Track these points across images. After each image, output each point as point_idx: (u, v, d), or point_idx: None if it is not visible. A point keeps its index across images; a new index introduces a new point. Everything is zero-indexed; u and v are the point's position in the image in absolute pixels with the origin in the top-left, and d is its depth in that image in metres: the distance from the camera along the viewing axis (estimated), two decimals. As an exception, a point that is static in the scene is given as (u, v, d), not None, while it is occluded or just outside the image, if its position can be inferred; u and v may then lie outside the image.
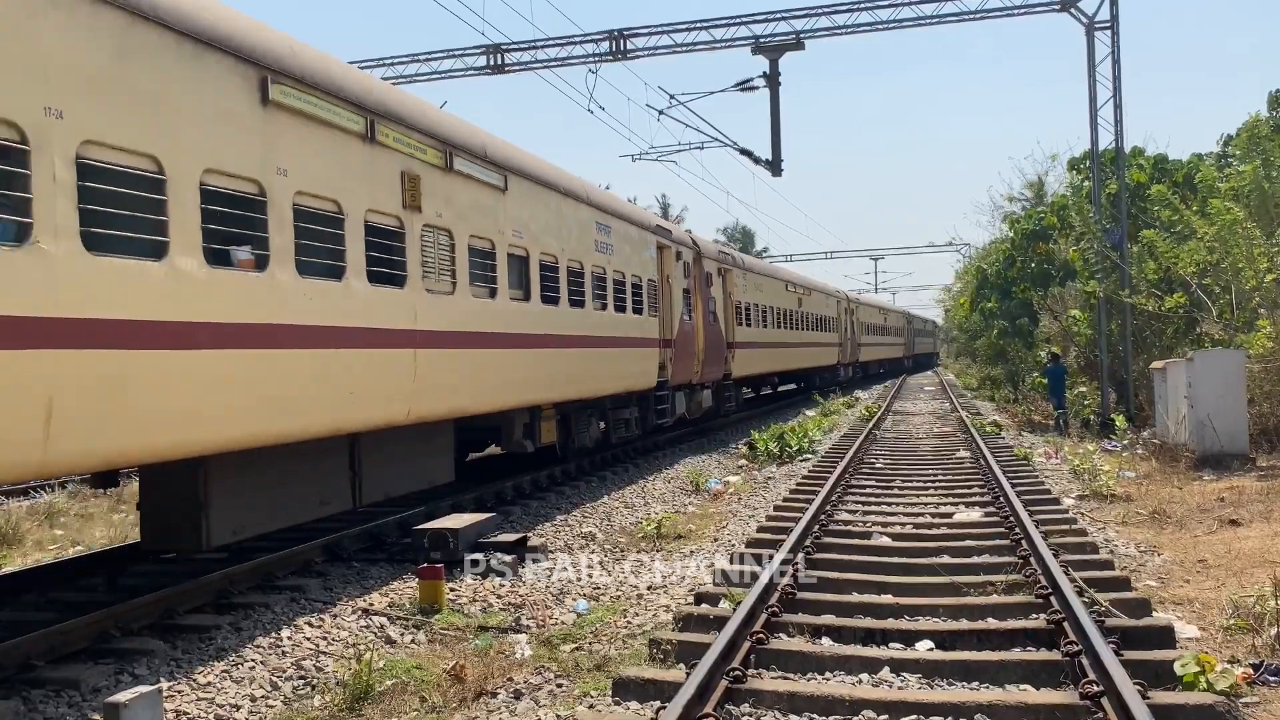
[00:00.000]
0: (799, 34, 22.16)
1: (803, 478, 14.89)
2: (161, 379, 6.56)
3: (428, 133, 10.01)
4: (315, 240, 8.21)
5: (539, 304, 12.72)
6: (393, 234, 9.37)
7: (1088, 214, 22.42)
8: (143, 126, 6.47)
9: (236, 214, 7.38)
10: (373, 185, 9.01)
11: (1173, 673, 5.65)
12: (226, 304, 7.16)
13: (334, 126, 8.47)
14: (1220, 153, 24.39)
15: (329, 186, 8.38)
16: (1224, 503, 11.76)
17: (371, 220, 8.97)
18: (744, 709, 5.60)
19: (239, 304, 7.29)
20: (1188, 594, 8.00)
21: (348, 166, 8.69)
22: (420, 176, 9.76)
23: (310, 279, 8.07)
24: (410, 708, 5.88)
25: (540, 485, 14.50)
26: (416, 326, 9.61)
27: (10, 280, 5.54)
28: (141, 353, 6.40)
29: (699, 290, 20.70)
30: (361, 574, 9.32)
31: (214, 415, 7.04)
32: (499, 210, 11.72)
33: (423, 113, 10.25)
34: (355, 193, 8.70)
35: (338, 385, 8.41)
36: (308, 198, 8.10)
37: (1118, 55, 21.07)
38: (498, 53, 23.69)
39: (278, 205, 7.70)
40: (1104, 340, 22.15)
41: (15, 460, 5.66)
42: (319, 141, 8.31)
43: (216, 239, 7.14)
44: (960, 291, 54.19)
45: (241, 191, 7.41)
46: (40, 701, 5.97)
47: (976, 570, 8.47)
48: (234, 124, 7.32)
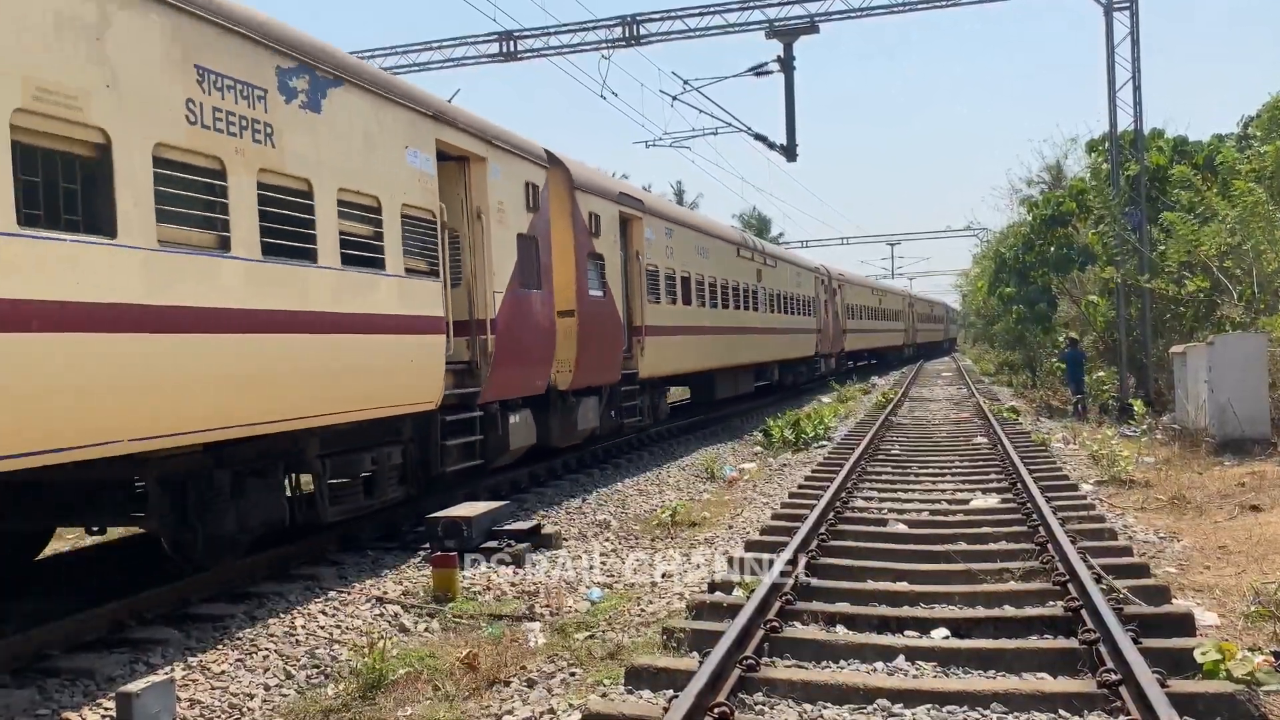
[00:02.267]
0: (813, 17, 21.96)
1: (818, 464, 14.82)
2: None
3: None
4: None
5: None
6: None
7: (1108, 196, 22.19)
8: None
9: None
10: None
11: (1192, 661, 5.57)
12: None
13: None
14: (1241, 134, 24.09)
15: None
16: (1245, 488, 11.63)
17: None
18: (757, 698, 5.56)
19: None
20: (1208, 581, 7.91)
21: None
22: None
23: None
24: (423, 696, 5.87)
25: (555, 472, 14.47)
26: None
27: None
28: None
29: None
30: (376, 563, 9.34)
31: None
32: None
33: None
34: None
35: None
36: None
37: (1137, 36, 20.80)
38: (510, 39, 23.60)
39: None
40: (1123, 324, 21.96)
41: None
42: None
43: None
44: (978, 276, 53.78)
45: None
46: (55, 691, 6.00)
47: (993, 557, 8.41)
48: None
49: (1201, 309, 19.99)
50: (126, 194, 6.38)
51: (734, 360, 23.28)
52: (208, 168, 7.15)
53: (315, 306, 8.19)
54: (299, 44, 8.17)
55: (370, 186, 9.03)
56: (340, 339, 8.53)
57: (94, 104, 6.18)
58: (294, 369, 7.99)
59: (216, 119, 7.14)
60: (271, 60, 7.79)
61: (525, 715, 5.50)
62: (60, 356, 5.93)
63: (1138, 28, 20.77)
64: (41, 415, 5.86)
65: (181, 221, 6.89)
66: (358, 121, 8.89)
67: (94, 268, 6.16)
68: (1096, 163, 25.90)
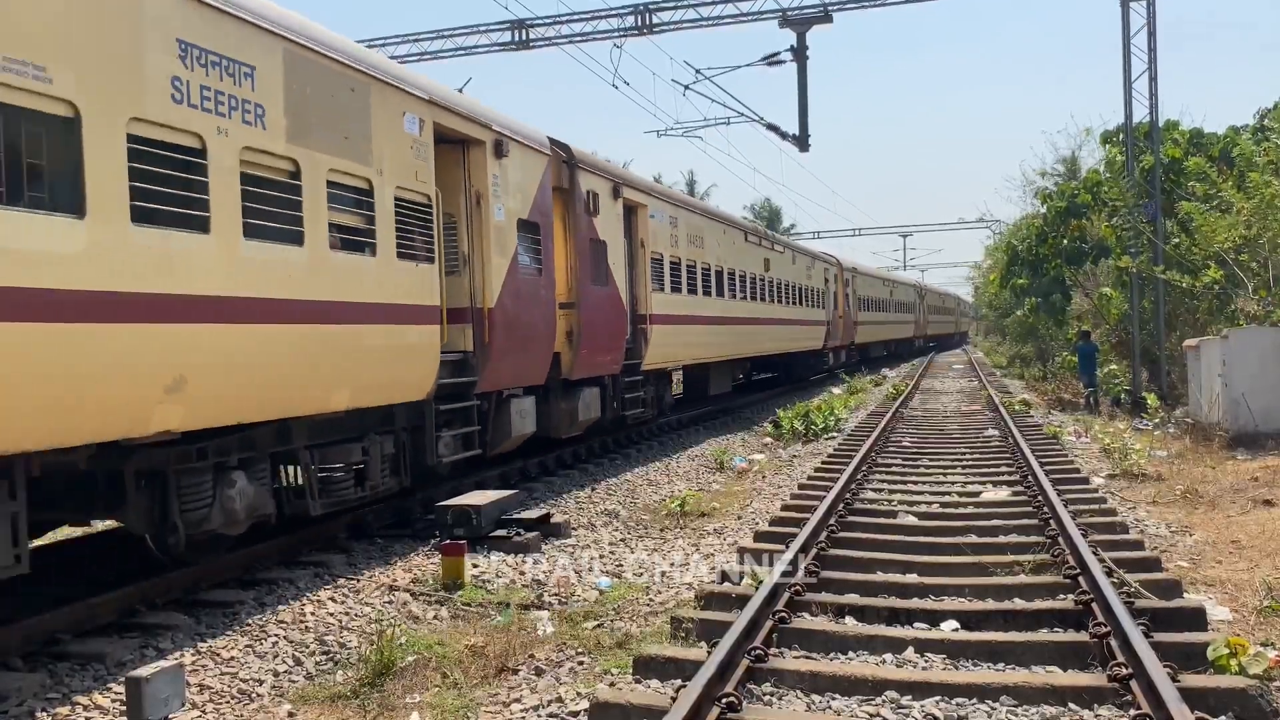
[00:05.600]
0: (827, 6, 21.85)
1: (828, 455, 14.79)
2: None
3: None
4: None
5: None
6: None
7: (1124, 187, 22.03)
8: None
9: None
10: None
11: (1204, 655, 5.54)
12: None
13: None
14: (1257, 126, 23.88)
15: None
16: (1258, 483, 11.55)
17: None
18: (765, 688, 5.55)
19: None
20: (1220, 575, 7.86)
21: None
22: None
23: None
24: (432, 683, 5.88)
25: (564, 462, 14.48)
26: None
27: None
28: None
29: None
30: (386, 550, 9.36)
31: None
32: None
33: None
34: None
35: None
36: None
37: (1153, 27, 20.64)
38: (522, 28, 23.57)
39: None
40: (1136, 317, 21.83)
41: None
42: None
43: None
44: (990, 268, 53.51)
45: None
46: (66, 675, 6.03)
47: (1003, 550, 8.36)
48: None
49: (1216, 302, 19.86)
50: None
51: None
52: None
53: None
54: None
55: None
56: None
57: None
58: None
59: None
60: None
61: (533, 703, 5.50)
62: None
63: (1154, 18, 20.61)
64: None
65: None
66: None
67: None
68: (1112, 154, 25.72)
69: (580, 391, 13.86)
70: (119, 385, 6.37)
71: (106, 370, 6.26)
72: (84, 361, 6.09)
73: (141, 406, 6.54)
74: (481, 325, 10.83)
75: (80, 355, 6.06)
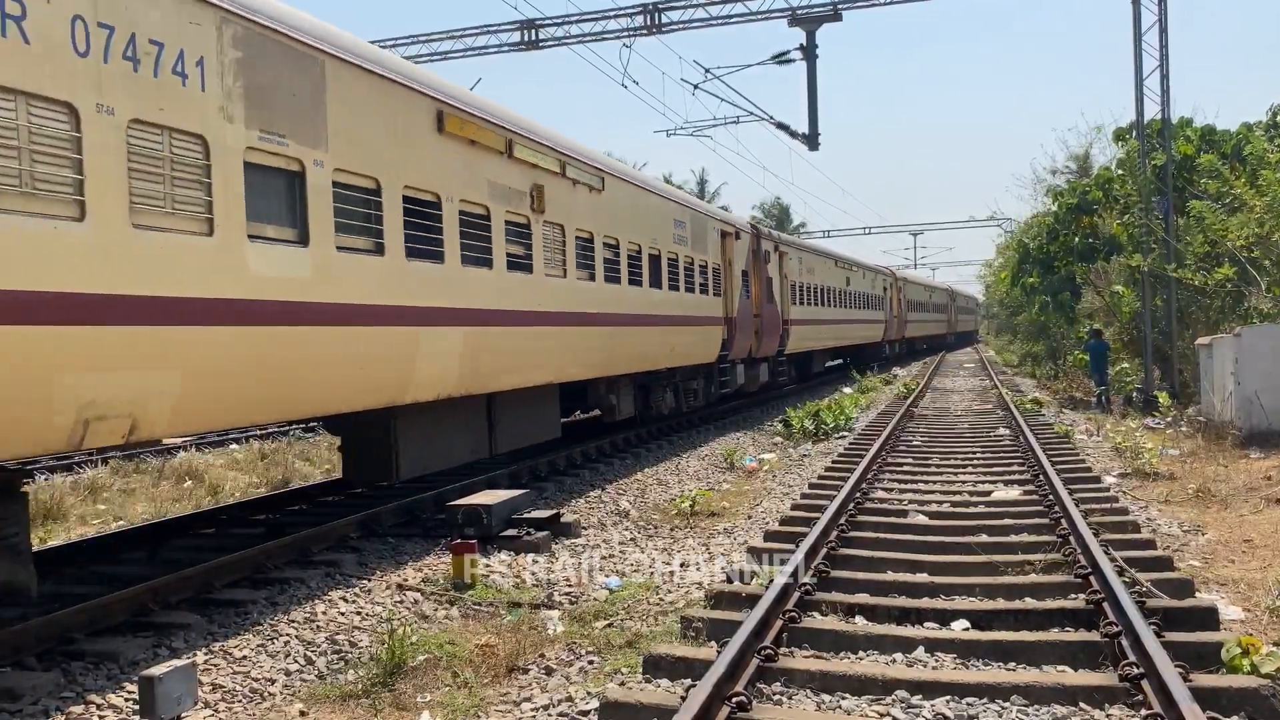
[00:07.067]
0: (836, 5, 21.83)
1: (838, 455, 14.77)
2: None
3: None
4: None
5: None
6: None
7: (1141, 182, 21.91)
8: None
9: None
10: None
11: (1216, 655, 5.53)
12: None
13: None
14: (1270, 122, 23.74)
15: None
16: (1271, 481, 11.50)
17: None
18: (775, 688, 5.55)
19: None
20: (1232, 575, 7.83)
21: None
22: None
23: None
24: (442, 683, 5.90)
25: (574, 461, 14.51)
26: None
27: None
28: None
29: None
30: (396, 549, 9.39)
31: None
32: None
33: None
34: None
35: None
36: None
37: (1165, 24, 20.55)
38: (532, 28, 23.61)
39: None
40: (1148, 315, 21.73)
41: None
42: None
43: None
44: (1001, 266, 53.29)
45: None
46: (80, 673, 6.07)
47: (1014, 549, 8.34)
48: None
49: (1228, 300, 19.76)
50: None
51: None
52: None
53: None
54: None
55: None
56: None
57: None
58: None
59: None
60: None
61: (543, 703, 5.51)
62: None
63: (1166, 15, 20.51)
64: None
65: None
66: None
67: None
68: (1133, 147, 25.62)
69: (759, 365, 23.49)
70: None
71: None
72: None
73: (629, 364, 14.94)
74: (729, 326, 20.21)
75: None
